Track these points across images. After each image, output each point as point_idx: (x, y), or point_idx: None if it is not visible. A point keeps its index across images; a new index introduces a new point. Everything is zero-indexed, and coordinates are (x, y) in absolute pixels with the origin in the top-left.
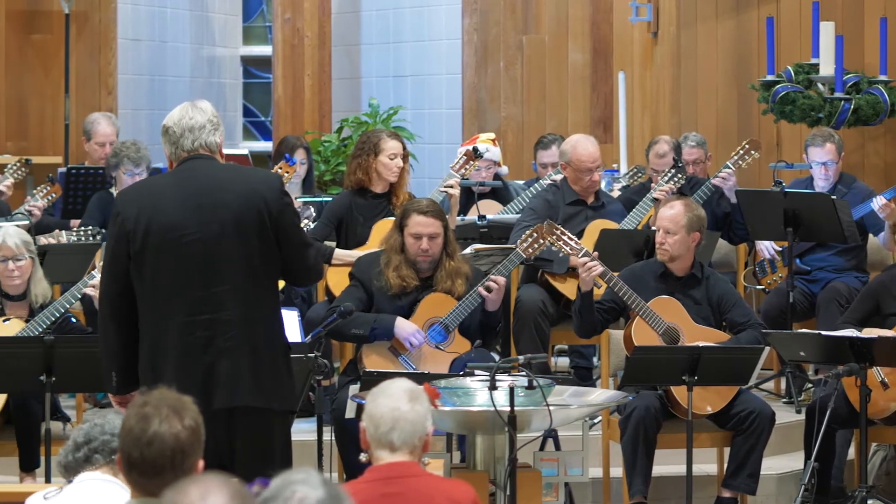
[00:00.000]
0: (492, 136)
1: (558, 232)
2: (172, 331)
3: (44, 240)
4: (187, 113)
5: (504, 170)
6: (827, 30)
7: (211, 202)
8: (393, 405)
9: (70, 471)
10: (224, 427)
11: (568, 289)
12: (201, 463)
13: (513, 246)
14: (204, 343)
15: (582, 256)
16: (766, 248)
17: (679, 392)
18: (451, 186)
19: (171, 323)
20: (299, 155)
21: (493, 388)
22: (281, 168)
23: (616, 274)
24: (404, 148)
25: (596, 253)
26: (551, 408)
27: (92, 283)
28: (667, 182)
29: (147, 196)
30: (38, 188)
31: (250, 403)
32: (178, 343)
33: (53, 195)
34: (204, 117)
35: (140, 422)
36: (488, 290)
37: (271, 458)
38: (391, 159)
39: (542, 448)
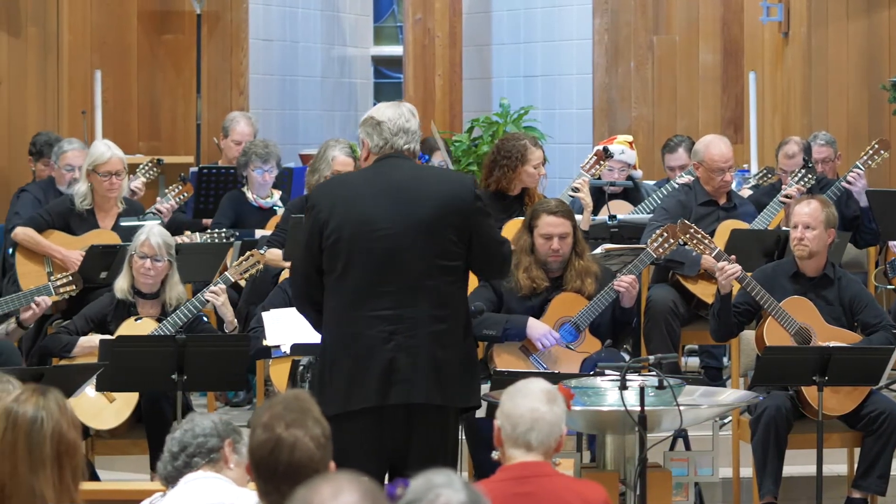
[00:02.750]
0: (629, 138)
1: (692, 230)
2: (356, 324)
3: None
4: (403, 115)
5: (638, 173)
6: None
7: (406, 199)
8: (532, 406)
9: (171, 480)
10: (402, 423)
11: (699, 289)
12: (332, 464)
13: (643, 246)
14: (385, 338)
15: (715, 257)
16: None
17: (810, 392)
18: (579, 188)
19: (356, 315)
20: (436, 157)
21: (623, 387)
22: None
23: (749, 274)
24: (543, 154)
25: (733, 257)
26: (681, 408)
27: (213, 290)
28: (797, 182)
29: (342, 187)
30: (170, 188)
31: (428, 401)
32: (360, 336)
33: (185, 195)
34: (416, 125)
35: (265, 431)
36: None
37: (444, 456)
38: (536, 168)
39: (672, 448)
